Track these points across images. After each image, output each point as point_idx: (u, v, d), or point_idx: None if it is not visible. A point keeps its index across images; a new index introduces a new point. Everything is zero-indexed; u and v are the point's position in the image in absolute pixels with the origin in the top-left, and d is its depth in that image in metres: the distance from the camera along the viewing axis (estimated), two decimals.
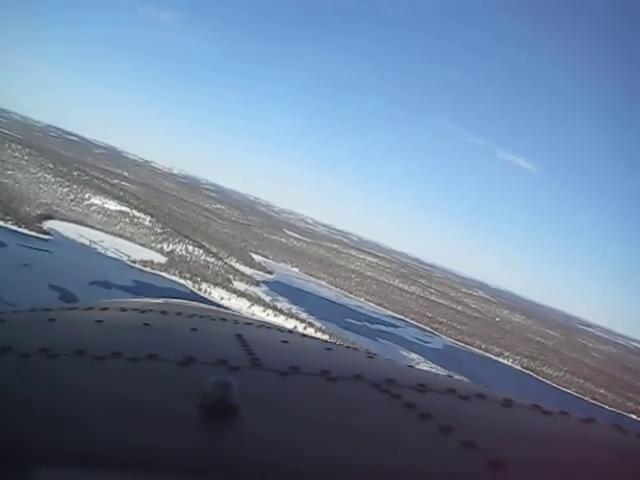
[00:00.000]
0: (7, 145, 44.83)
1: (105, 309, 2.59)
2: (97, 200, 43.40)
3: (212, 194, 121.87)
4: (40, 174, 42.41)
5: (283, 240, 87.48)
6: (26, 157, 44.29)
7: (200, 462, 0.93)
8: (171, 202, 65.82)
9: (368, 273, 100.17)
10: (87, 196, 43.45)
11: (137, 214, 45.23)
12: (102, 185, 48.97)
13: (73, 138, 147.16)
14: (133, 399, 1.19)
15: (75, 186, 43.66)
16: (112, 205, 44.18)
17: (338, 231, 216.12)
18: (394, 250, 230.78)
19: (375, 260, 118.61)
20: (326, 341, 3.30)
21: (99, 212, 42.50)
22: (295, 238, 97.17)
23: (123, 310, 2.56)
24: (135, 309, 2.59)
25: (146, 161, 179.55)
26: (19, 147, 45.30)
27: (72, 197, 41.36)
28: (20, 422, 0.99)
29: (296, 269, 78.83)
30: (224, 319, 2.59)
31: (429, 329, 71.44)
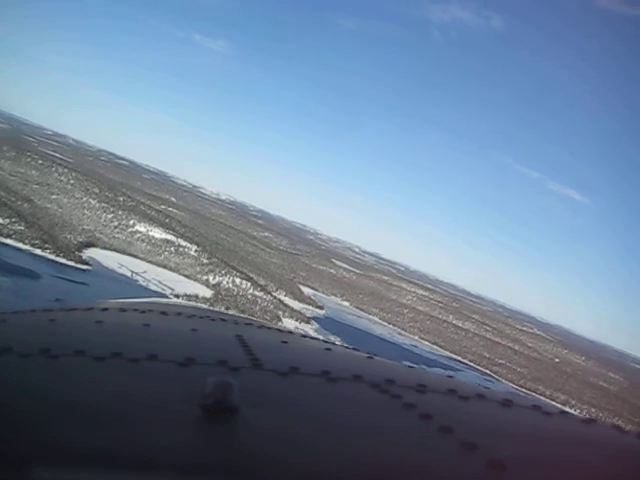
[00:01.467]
0: (54, 169, 43.66)
1: (105, 309, 2.61)
2: (142, 227, 41.68)
3: (260, 221, 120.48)
4: (85, 199, 40.99)
5: (332, 271, 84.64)
6: (72, 181, 43.02)
7: (200, 462, 0.93)
8: (218, 229, 63.99)
9: (420, 308, 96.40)
10: (132, 223, 41.74)
11: (183, 243, 43.26)
12: (148, 211, 47.26)
13: (124, 162, 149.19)
14: (133, 399, 1.21)
15: (120, 212, 42.03)
16: (157, 233, 42.38)
17: (385, 260, 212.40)
18: (441, 281, 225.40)
19: (426, 293, 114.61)
20: (326, 342, 2.92)
21: (143, 240, 40.80)
22: (344, 269, 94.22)
23: (123, 310, 2.56)
24: (135, 309, 2.57)
25: (194, 186, 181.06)
26: (65, 171, 44.01)
27: (116, 224, 39.81)
28: (20, 422, 1.00)
29: (347, 303, 75.96)
30: (224, 320, 2.59)
31: (489, 372, 67.56)
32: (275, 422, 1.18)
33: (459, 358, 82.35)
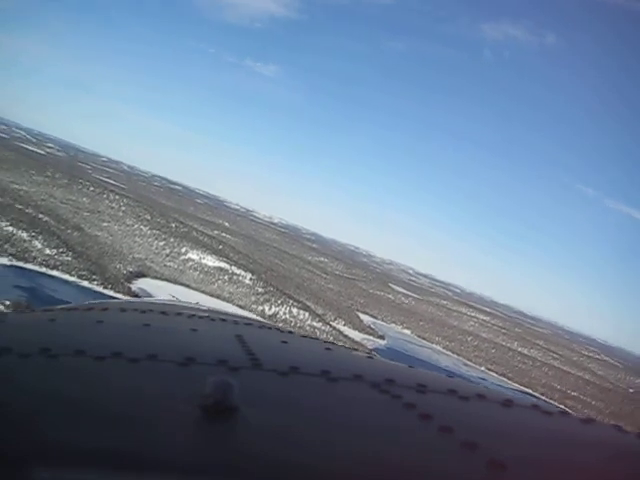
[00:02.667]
0: (106, 196, 42.69)
1: (105, 309, 2.62)
2: (194, 255, 40.16)
3: (314, 245, 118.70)
4: (136, 226, 39.78)
5: (390, 296, 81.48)
6: (124, 208, 41.95)
7: (200, 462, 0.95)
8: (273, 255, 62.08)
9: (483, 334, 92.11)
10: (184, 250, 40.24)
11: (237, 270, 41.45)
12: (201, 238, 45.77)
13: (177, 187, 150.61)
14: (133, 399, 1.23)
15: (172, 239, 40.61)
16: (210, 260, 40.74)
17: (439, 282, 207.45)
18: (497, 302, 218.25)
19: (487, 318, 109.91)
20: (326, 341, 2.91)
21: (196, 269, 39.25)
22: (402, 293, 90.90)
23: (123, 310, 2.58)
24: (135, 309, 2.60)
25: (247, 210, 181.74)
26: (117, 198, 42.97)
27: (168, 251, 38.45)
28: (20, 422, 1.02)
29: (408, 331, 72.90)
30: (224, 320, 2.60)
31: (563, 408, 63.24)
32: (275, 422, 1.19)
33: (529, 391, 76.67)
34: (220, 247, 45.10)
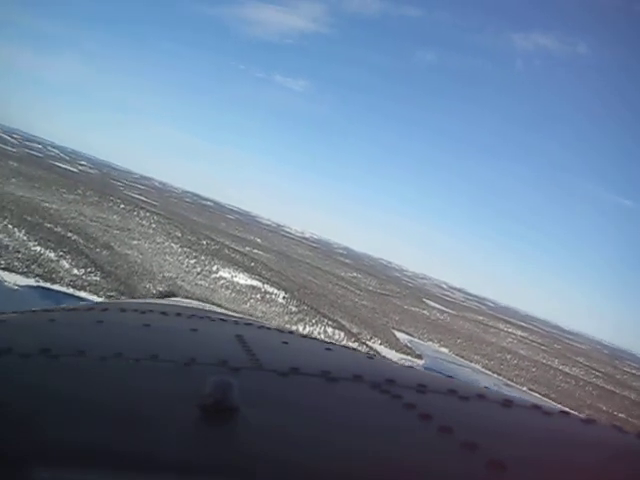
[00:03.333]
0: (136, 213, 41.96)
1: (105, 310, 2.61)
2: (226, 273, 39.10)
3: (346, 260, 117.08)
4: (167, 244, 38.97)
5: (426, 312, 79.38)
6: (154, 225, 41.18)
7: (200, 462, 0.94)
8: (306, 271, 60.76)
9: (522, 352, 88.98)
10: (215, 268, 39.21)
11: (270, 289, 40.23)
12: (233, 255, 44.74)
13: (208, 203, 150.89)
14: (133, 400, 1.23)
15: (203, 257, 39.64)
16: (242, 278, 39.65)
17: (473, 296, 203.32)
18: (532, 316, 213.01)
19: (525, 334, 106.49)
20: (326, 342, 2.93)
21: (227, 287, 38.22)
22: (437, 309, 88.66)
23: (123, 311, 2.58)
24: (135, 310, 2.58)
25: (279, 225, 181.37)
26: (147, 215, 42.25)
27: (199, 270, 37.51)
28: (20, 422, 1.02)
29: (445, 349, 70.60)
30: (224, 320, 2.60)
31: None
32: (275, 422, 1.19)
33: (575, 414, 72.75)
34: (252, 264, 43.84)
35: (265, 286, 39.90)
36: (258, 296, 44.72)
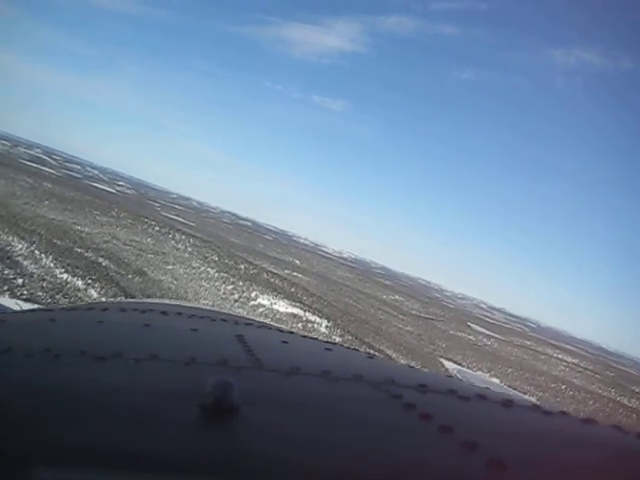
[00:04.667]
0: (171, 235, 40.13)
1: (105, 309, 2.62)
2: (265, 300, 36.83)
3: (386, 282, 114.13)
4: (203, 268, 36.93)
5: (472, 338, 75.54)
6: (190, 248, 39.28)
7: (200, 462, 0.94)
8: (346, 295, 58.18)
9: (576, 381, 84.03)
10: (254, 295, 36.94)
11: (311, 317, 37.77)
12: (272, 280, 42.45)
13: (246, 223, 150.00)
14: (134, 399, 1.23)
15: (241, 283, 37.46)
16: (282, 306, 37.30)
17: (513, 317, 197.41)
18: (576, 338, 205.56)
19: (575, 360, 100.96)
20: (327, 341, 2.82)
21: (267, 315, 35.88)
22: (483, 334, 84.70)
23: (123, 310, 2.56)
24: (135, 309, 2.56)
25: (316, 245, 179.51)
26: (183, 237, 40.42)
27: (236, 297, 35.31)
28: (21, 422, 1.02)
29: (496, 380, 66.70)
30: (224, 320, 2.58)
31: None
32: (275, 422, 1.18)
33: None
34: (292, 290, 41.52)
35: (306, 314, 37.49)
36: (299, 325, 42.38)
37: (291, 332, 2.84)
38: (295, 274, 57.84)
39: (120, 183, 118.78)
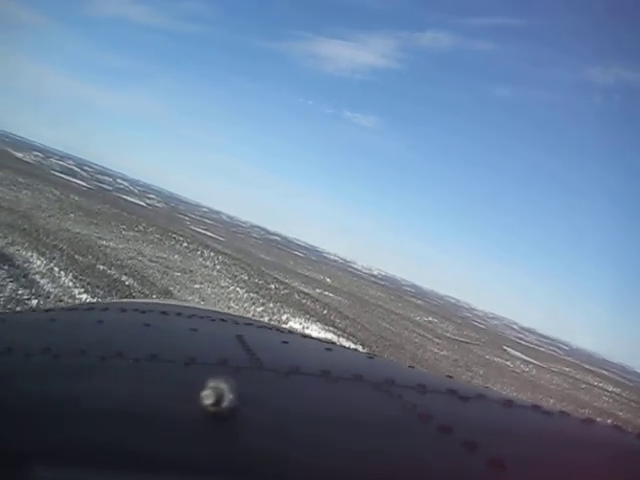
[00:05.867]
0: (199, 252, 38.50)
1: (105, 309, 2.64)
2: (297, 323, 34.76)
3: (418, 301, 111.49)
4: (232, 288, 35.14)
5: (509, 364, 72.29)
6: (218, 266, 37.61)
7: (200, 462, 0.94)
8: (380, 317, 55.91)
9: (621, 414, 79.63)
10: (285, 317, 34.87)
11: (345, 342, 35.41)
12: (303, 301, 40.48)
13: (275, 238, 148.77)
14: (134, 400, 1.23)
15: (271, 304, 35.51)
16: (315, 329, 35.17)
17: (544, 338, 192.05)
18: (609, 361, 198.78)
19: (617, 390, 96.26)
20: (327, 341, 2.85)
21: None
22: (520, 359, 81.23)
23: (123, 310, 2.55)
24: (135, 309, 2.56)
25: (346, 262, 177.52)
26: (212, 254, 38.74)
27: (267, 319, 33.17)
28: (21, 422, 1.01)
29: None
30: (224, 320, 2.56)
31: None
32: (275, 422, 1.18)
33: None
34: (325, 312, 39.37)
35: (340, 339, 35.44)
36: None
37: (291, 332, 2.75)
38: (326, 293, 55.85)
39: (150, 196, 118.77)
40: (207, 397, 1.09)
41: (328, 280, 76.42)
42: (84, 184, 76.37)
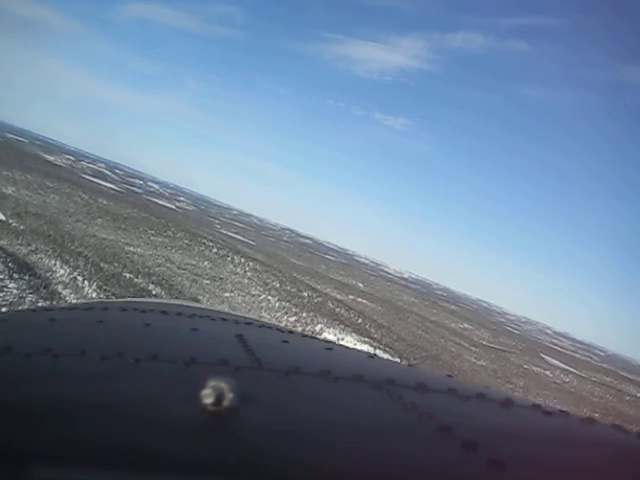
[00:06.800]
0: (230, 258, 37.26)
1: (106, 309, 2.59)
2: (331, 334, 33.21)
3: (451, 306, 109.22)
4: (263, 296, 33.79)
5: (548, 373, 69.60)
6: (249, 273, 36.30)
7: (201, 462, 0.95)
8: (415, 325, 54.12)
9: None
10: (319, 328, 33.31)
11: (382, 354, 33.60)
12: (337, 310, 39.00)
13: (306, 241, 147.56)
14: (134, 399, 1.23)
15: (304, 314, 34.09)
16: (350, 341, 33.55)
17: (579, 343, 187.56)
18: None
19: None
20: (327, 341, 2.80)
21: None
22: (559, 368, 78.35)
23: (123, 310, 2.55)
24: (135, 309, 2.56)
25: (377, 265, 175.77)
26: (242, 260, 37.45)
27: (300, 329, 31.65)
28: (21, 422, 1.01)
29: None
30: (224, 319, 2.56)
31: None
32: (275, 422, 1.17)
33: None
34: (359, 321, 37.76)
35: (377, 351, 33.79)
36: None
37: (291, 331, 2.75)
38: (360, 299, 54.16)
39: (181, 199, 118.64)
40: (207, 397, 1.09)
41: (360, 285, 74.69)
42: (114, 187, 76.03)
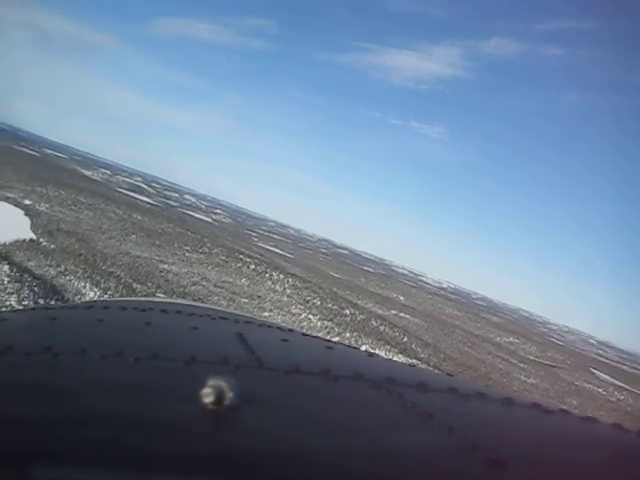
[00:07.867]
0: (268, 275, 35.54)
1: (106, 308, 2.60)
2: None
3: (494, 318, 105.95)
4: (303, 315, 32.04)
5: (602, 391, 65.89)
6: (288, 290, 34.66)
7: (201, 462, 0.95)
8: (460, 341, 51.60)
9: None
10: (363, 349, 30.88)
11: None
12: (381, 327, 37.11)
13: (343, 252, 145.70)
14: (134, 398, 1.24)
15: (348, 334, 32.11)
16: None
17: (623, 353, 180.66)
18: None
19: None
20: (327, 340, 2.80)
21: None
22: (612, 385, 74.52)
23: (124, 309, 2.55)
24: (135, 308, 2.56)
25: (416, 275, 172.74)
26: (281, 277, 35.74)
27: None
28: (22, 422, 1.02)
29: None
30: (224, 318, 2.56)
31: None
32: (275, 421, 1.19)
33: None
34: (405, 339, 35.63)
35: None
36: None
37: (291, 330, 2.73)
38: (402, 314, 51.99)
39: (217, 211, 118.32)
40: (207, 395, 1.09)
41: (402, 299, 72.33)
42: (150, 201, 75.44)
